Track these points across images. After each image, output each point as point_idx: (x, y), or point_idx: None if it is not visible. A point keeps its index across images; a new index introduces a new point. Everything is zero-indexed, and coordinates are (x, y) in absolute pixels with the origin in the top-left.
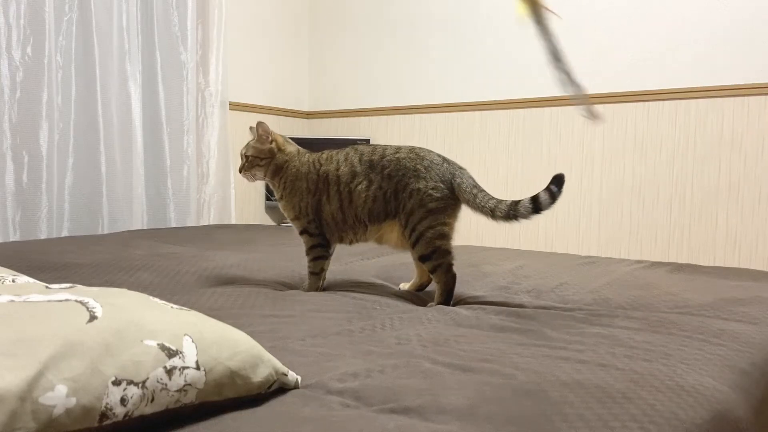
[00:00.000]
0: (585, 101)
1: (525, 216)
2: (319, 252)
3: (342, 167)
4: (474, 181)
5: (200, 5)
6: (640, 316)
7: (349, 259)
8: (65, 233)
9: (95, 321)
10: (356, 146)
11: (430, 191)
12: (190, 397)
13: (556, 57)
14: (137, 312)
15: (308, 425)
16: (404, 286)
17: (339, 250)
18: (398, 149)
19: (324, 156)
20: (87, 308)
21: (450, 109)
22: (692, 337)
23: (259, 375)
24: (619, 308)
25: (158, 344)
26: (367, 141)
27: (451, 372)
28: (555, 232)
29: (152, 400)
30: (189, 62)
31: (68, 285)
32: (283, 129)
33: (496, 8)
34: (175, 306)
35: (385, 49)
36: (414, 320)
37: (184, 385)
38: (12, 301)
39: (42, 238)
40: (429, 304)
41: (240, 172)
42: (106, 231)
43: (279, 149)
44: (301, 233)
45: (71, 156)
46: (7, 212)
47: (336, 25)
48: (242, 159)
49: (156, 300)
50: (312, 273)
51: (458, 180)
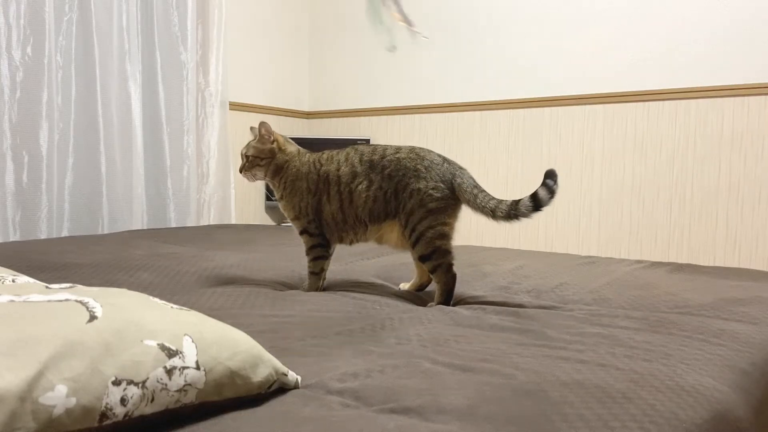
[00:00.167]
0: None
1: (526, 214)
2: (319, 252)
3: (342, 167)
4: (474, 182)
5: (200, 5)
6: (640, 316)
7: (349, 259)
8: (65, 233)
9: (95, 321)
10: (356, 146)
11: (431, 191)
12: (190, 397)
13: None
14: (137, 312)
15: (308, 425)
16: (404, 286)
17: (339, 250)
18: (398, 149)
19: (324, 156)
20: (87, 308)
21: (450, 109)
22: (692, 337)
23: (259, 375)
24: (619, 308)
25: (158, 344)
26: (367, 141)
27: (451, 372)
28: (555, 232)
29: (152, 400)
30: (189, 62)
31: (68, 285)
32: (283, 129)
33: (496, 8)
34: (175, 306)
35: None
36: (414, 320)
37: (184, 385)
38: (12, 301)
39: (42, 238)
40: (429, 304)
41: (240, 172)
42: (106, 231)
43: (279, 149)
44: (301, 233)
45: (71, 156)
46: (7, 212)
47: (336, 25)
48: (242, 159)
49: (156, 300)
50: (312, 273)
51: (459, 180)
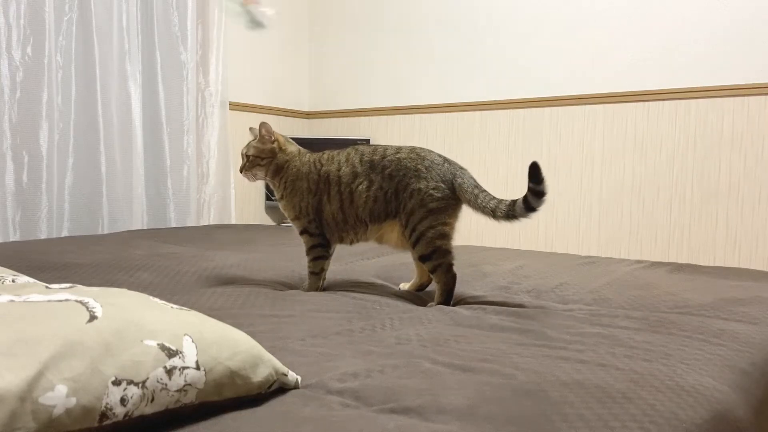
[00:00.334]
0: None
1: (524, 215)
2: (320, 252)
3: (343, 167)
4: (475, 182)
5: (200, 5)
6: (640, 316)
7: (350, 259)
8: (65, 233)
9: (95, 321)
10: (357, 146)
11: (431, 191)
12: (190, 397)
13: None
14: (137, 312)
15: (308, 425)
16: (404, 286)
17: (339, 250)
18: (399, 149)
19: (325, 156)
20: (87, 308)
21: (450, 109)
22: (692, 337)
23: (259, 375)
24: (619, 308)
25: (158, 344)
26: (367, 141)
27: (451, 372)
28: (555, 232)
29: (152, 400)
30: (189, 62)
31: (68, 285)
32: (283, 129)
33: (496, 8)
34: (175, 306)
35: (385, 49)
36: (414, 320)
37: (184, 385)
38: (12, 301)
39: (42, 238)
40: (429, 304)
41: (241, 172)
42: (106, 231)
43: (280, 149)
44: (302, 233)
45: (71, 156)
46: (7, 212)
47: (336, 25)
48: (243, 158)
49: (156, 300)
50: (312, 273)
51: (459, 180)
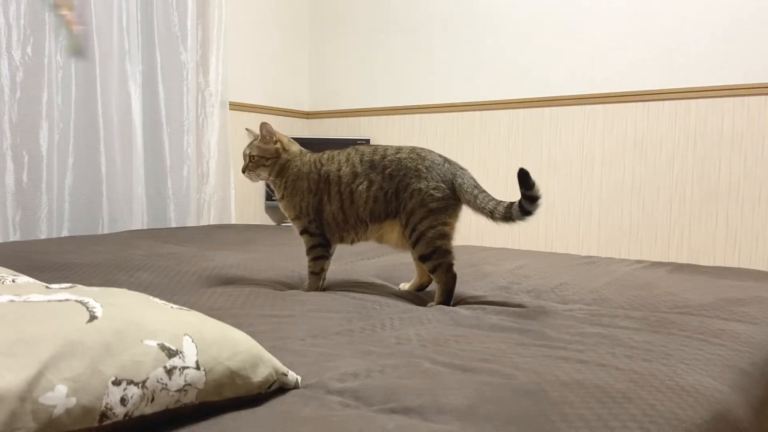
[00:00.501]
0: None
1: (521, 218)
2: (320, 252)
3: (343, 167)
4: (475, 182)
5: (200, 5)
6: (640, 316)
7: (349, 259)
8: (65, 233)
9: (95, 321)
10: (357, 146)
11: (432, 191)
12: (190, 397)
13: None
14: (137, 312)
15: (308, 425)
16: (404, 286)
17: (339, 250)
18: (399, 149)
19: (325, 156)
20: (87, 308)
21: (450, 109)
22: (692, 337)
23: (259, 375)
24: (619, 308)
25: (158, 344)
26: (367, 141)
27: (451, 372)
28: (555, 232)
29: (152, 400)
30: (189, 62)
31: (68, 285)
32: (283, 129)
33: (496, 8)
34: (175, 306)
35: (385, 49)
36: (414, 320)
37: (184, 385)
38: (12, 301)
39: (42, 238)
40: (429, 304)
41: (243, 173)
42: (106, 231)
43: (284, 149)
44: (302, 233)
45: (71, 156)
46: (7, 212)
47: (336, 25)
48: (245, 159)
49: (156, 300)
50: (312, 273)
51: (459, 180)
